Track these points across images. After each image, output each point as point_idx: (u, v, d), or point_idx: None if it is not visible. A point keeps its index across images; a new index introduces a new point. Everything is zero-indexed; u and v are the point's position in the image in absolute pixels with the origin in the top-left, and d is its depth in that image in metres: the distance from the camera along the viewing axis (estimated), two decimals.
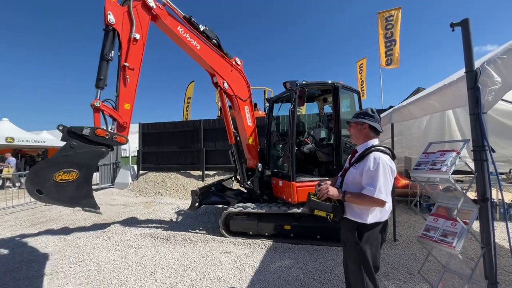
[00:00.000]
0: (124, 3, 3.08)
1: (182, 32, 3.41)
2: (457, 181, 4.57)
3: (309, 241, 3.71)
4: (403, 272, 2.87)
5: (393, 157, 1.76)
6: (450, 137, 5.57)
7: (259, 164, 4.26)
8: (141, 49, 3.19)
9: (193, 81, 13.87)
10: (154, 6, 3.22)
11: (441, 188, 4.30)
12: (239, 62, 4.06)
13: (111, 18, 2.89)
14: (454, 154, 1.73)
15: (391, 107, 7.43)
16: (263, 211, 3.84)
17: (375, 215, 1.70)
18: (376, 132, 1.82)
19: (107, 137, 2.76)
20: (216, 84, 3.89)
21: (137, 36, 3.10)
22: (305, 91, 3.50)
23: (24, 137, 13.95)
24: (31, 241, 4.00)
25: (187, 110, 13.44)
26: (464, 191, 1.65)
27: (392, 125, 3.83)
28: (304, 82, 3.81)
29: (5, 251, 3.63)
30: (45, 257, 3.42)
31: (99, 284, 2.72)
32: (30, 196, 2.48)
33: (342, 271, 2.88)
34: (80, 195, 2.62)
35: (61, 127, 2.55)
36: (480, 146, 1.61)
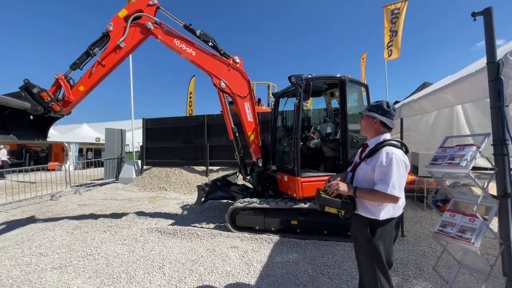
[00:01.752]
0: (125, 20, 3.83)
1: (178, 44, 3.93)
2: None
3: (316, 236, 3.69)
4: (412, 268, 2.84)
5: (406, 151, 1.72)
6: (458, 133, 5.48)
7: (260, 159, 4.30)
8: (120, 55, 3.83)
9: (194, 75, 13.79)
10: (152, 28, 3.87)
11: (448, 184, 4.26)
12: (237, 60, 4.12)
13: (109, 27, 3.81)
14: (474, 148, 1.68)
15: (397, 102, 7.33)
16: (269, 206, 3.83)
17: (388, 211, 1.66)
18: (388, 128, 1.76)
19: (46, 100, 3.34)
20: (214, 85, 4.14)
21: (122, 45, 3.79)
22: (311, 85, 3.44)
23: None
24: (39, 235, 4.03)
25: (190, 105, 13.41)
26: (484, 187, 1.61)
27: (402, 120, 3.77)
28: (309, 76, 3.74)
29: (14, 245, 3.66)
30: (53, 251, 3.43)
31: (108, 278, 2.73)
32: None
33: (351, 267, 2.88)
34: None
35: (26, 80, 3.25)
36: (501, 140, 1.56)
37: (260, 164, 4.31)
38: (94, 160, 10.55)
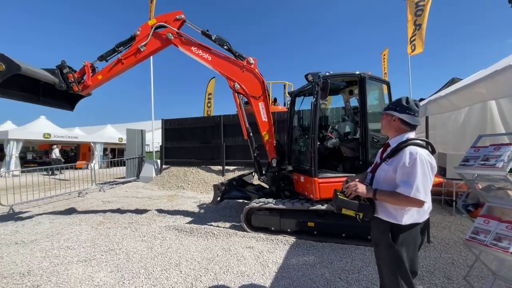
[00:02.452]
0: (153, 28, 4.22)
1: (195, 50, 4.22)
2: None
3: (334, 239, 3.57)
4: (439, 277, 2.65)
5: (432, 151, 1.58)
6: (492, 131, 5.05)
7: (274, 159, 4.28)
8: (138, 57, 4.29)
9: (214, 77, 13.98)
10: (172, 38, 4.21)
11: (480, 187, 3.94)
12: (251, 61, 4.18)
13: (137, 32, 4.29)
14: (511, 148, 1.52)
15: (422, 99, 6.92)
16: (285, 207, 3.76)
17: (411, 216, 1.54)
18: (410, 126, 1.62)
19: (70, 80, 4.10)
20: (230, 86, 4.34)
21: (142, 49, 4.21)
22: (328, 83, 3.32)
23: (59, 133, 15.05)
24: (67, 229, 4.29)
25: (208, 106, 13.62)
26: None
27: (427, 118, 3.54)
28: (327, 74, 3.63)
29: (45, 238, 3.91)
30: (79, 244, 3.63)
31: (128, 273, 2.83)
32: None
33: (371, 272, 2.74)
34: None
35: (63, 61, 4.06)
36: None
37: (274, 164, 4.29)
38: (117, 159, 11.08)
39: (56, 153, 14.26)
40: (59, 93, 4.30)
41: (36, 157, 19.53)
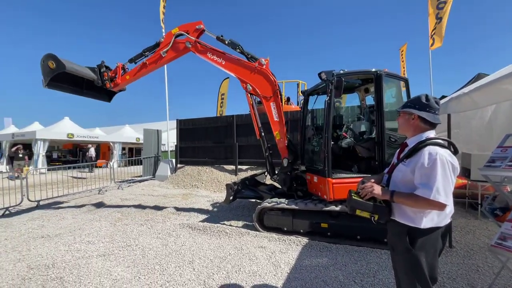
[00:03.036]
0: (175, 36, 4.60)
1: (210, 55, 4.48)
2: None
3: (348, 241, 3.48)
4: (462, 284, 2.50)
5: (454, 151, 1.49)
6: None
7: (285, 159, 4.30)
8: (160, 62, 4.74)
9: (228, 77, 14.06)
10: (190, 46, 4.54)
11: (509, 190, 3.68)
12: (263, 62, 4.27)
13: (161, 39, 4.71)
14: None
15: (443, 97, 6.57)
16: (297, 207, 3.72)
17: (431, 219, 1.46)
18: (430, 124, 1.54)
19: (104, 78, 4.86)
20: (243, 88, 4.54)
21: (163, 54, 4.63)
22: (342, 81, 3.23)
23: (82, 133, 15.83)
24: (88, 225, 4.50)
25: (221, 106, 13.72)
26: None
27: (449, 116, 3.36)
28: (341, 72, 3.54)
29: (68, 233, 4.13)
30: (99, 240, 3.80)
31: (144, 268, 2.92)
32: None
33: (387, 276, 2.65)
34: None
35: (102, 61, 4.87)
36: None
37: (285, 164, 4.29)
38: (134, 158, 11.46)
39: (92, 152, 15.67)
40: (99, 87, 5.00)
41: (61, 156, 20.68)
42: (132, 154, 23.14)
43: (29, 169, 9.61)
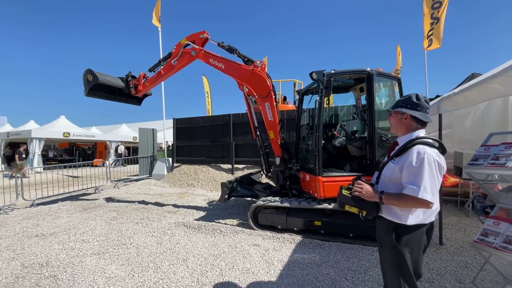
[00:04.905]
0: (183, 46, 5.02)
1: (212, 61, 4.79)
2: None
3: (341, 238, 3.53)
4: (450, 280, 2.56)
5: (442, 151, 1.53)
6: None
7: (278, 158, 4.42)
8: (172, 70, 5.19)
9: (203, 74, 13.64)
10: (195, 54, 4.89)
11: (500, 188, 3.75)
12: (258, 64, 4.45)
13: (172, 49, 5.13)
14: None
15: (438, 96, 6.64)
16: (290, 205, 3.76)
17: (417, 216, 1.49)
18: (421, 123, 1.58)
19: (130, 86, 5.54)
20: (240, 89, 4.82)
21: (174, 63, 5.08)
22: (331, 81, 3.30)
23: (78, 132, 15.73)
24: (83, 224, 4.50)
25: (209, 104, 13.51)
26: None
27: (440, 116, 3.41)
28: (332, 71, 3.58)
29: (63, 232, 4.13)
30: (94, 238, 3.81)
31: (138, 266, 2.94)
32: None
33: (378, 273, 2.69)
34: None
35: (129, 71, 5.58)
36: None
37: (278, 163, 4.40)
38: (131, 157, 11.43)
39: (121, 149, 16.75)
40: (129, 93, 5.73)
41: (57, 155, 20.55)
42: (129, 153, 23.05)
43: (25, 168, 9.56)
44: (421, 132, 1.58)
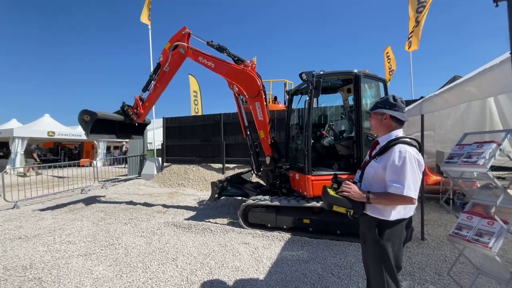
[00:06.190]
0: (169, 50, 4.83)
1: (202, 59, 4.74)
2: (498, 178, 4.13)
3: (329, 236, 3.62)
4: (430, 273, 2.69)
5: (420, 149, 1.61)
6: (491, 130, 5.02)
7: (268, 157, 4.46)
8: (167, 76, 4.99)
9: (190, 73, 13.19)
10: (184, 52, 4.78)
11: (478, 186, 3.95)
12: (248, 64, 4.44)
13: (160, 59, 4.94)
14: (494, 145, 1.55)
15: (422, 97, 6.88)
16: (280, 204, 3.82)
17: (399, 212, 1.57)
18: (399, 122, 1.66)
19: (130, 114, 5.12)
20: (230, 88, 4.82)
21: (167, 69, 4.88)
22: (321, 82, 3.39)
23: (63, 131, 15.24)
24: (69, 225, 4.40)
25: (195, 104, 13.11)
26: (505, 187, 1.47)
27: (422, 116, 3.55)
28: (321, 72, 3.67)
29: (47, 233, 4.03)
30: (80, 239, 3.73)
31: (126, 267, 2.91)
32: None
33: (362, 268, 2.78)
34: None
35: (123, 102, 5.19)
36: None
37: (268, 162, 4.44)
38: (119, 157, 11.21)
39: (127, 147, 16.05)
40: (130, 126, 5.47)
41: (41, 154, 19.83)
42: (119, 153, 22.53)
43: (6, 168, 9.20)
44: (400, 132, 1.66)
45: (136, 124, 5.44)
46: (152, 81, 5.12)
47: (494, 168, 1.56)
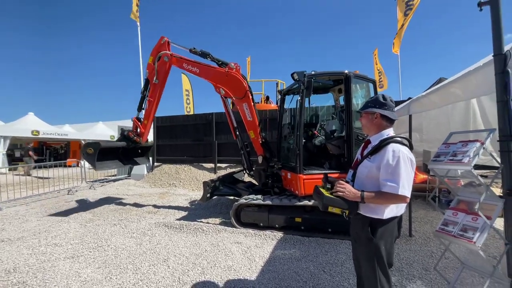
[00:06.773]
0: (153, 63, 4.93)
1: (186, 66, 4.87)
2: (481, 176, 4.30)
3: (320, 234, 3.67)
4: (418, 268, 2.77)
5: (410, 148, 1.65)
6: (475, 129, 5.21)
7: (260, 157, 4.50)
8: (158, 88, 5.01)
9: (182, 72, 13.32)
10: (168, 60, 4.90)
11: (462, 184, 4.10)
12: (232, 66, 4.51)
13: (146, 74, 5.11)
14: (477, 144, 1.61)
15: (410, 98, 7.07)
16: (272, 203, 3.84)
17: (391, 210, 1.59)
18: (390, 121, 1.68)
19: (131, 137, 4.97)
20: (216, 92, 4.90)
21: (156, 82, 4.95)
22: (312, 82, 3.44)
23: (49, 130, 14.75)
24: (55, 227, 4.26)
25: (187, 103, 13.07)
26: (487, 185, 1.54)
27: (410, 116, 3.65)
28: (313, 73, 3.72)
29: (32, 236, 3.88)
30: (67, 242, 3.62)
31: (116, 268, 2.85)
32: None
33: (353, 265, 2.84)
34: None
35: (121, 128, 5.44)
36: (507, 136, 1.49)
37: (260, 161, 4.47)
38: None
39: None
40: (133, 153, 5.41)
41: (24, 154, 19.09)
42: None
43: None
44: (391, 131, 1.68)
45: (139, 150, 5.49)
46: (145, 98, 5.14)
47: (477, 167, 1.62)
